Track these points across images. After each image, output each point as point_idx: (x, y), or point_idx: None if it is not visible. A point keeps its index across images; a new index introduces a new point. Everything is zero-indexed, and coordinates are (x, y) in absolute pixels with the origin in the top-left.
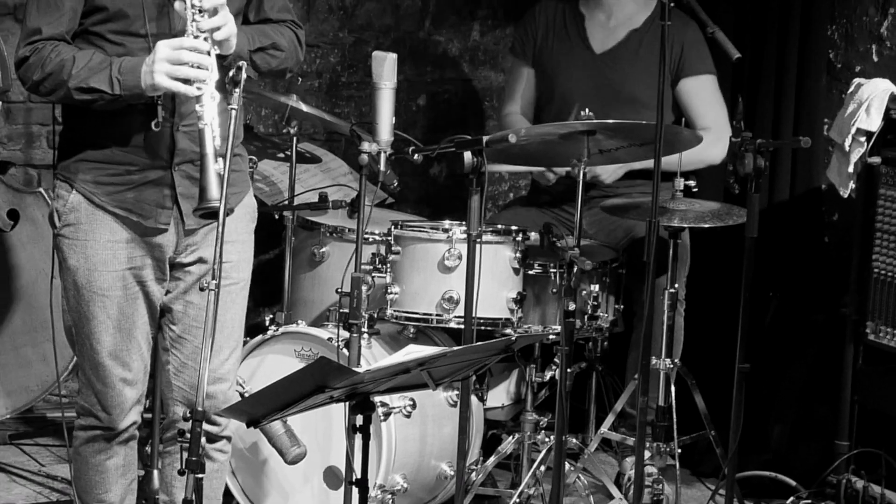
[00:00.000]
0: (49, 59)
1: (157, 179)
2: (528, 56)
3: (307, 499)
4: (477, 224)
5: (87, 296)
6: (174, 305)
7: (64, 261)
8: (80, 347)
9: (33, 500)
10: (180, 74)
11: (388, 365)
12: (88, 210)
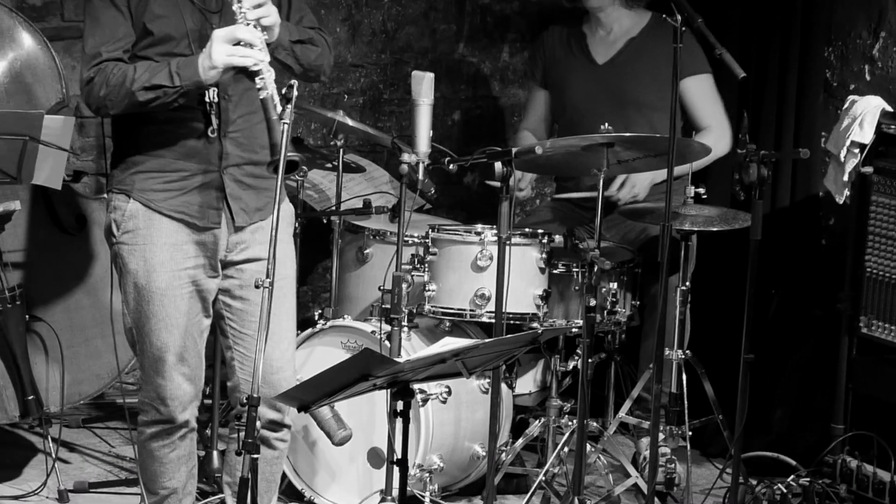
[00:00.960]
0: (112, 74)
1: (207, 183)
2: (538, 78)
3: (352, 477)
4: (506, 227)
5: (146, 296)
6: (232, 303)
7: (124, 266)
8: (140, 346)
9: (104, 478)
10: (237, 52)
11: (426, 355)
12: (146, 216)
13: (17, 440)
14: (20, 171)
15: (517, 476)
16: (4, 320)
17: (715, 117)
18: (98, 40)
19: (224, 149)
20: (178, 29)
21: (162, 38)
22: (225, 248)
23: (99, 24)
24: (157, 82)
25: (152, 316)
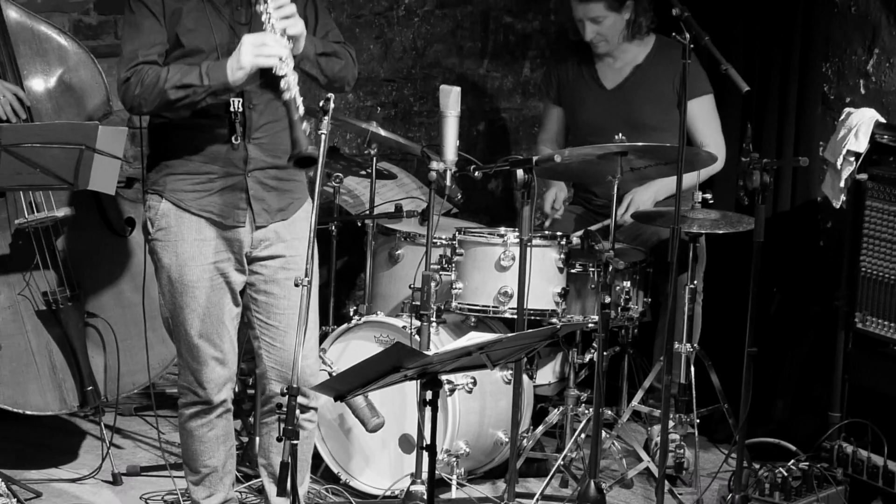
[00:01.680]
0: (147, 75)
1: (233, 185)
2: (552, 97)
3: (385, 462)
4: (527, 230)
5: (179, 288)
6: (258, 297)
7: (158, 261)
8: (176, 334)
9: (154, 462)
10: (264, 53)
11: (453, 349)
12: (177, 214)
13: (73, 427)
14: (76, 178)
15: (537, 460)
16: (65, 316)
17: (713, 137)
18: (136, 44)
19: (249, 154)
20: (208, 42)
21: (192, 51)
22: (249, 244)
23: (137, 29)
24: (188, 81)
25: (185, 306)
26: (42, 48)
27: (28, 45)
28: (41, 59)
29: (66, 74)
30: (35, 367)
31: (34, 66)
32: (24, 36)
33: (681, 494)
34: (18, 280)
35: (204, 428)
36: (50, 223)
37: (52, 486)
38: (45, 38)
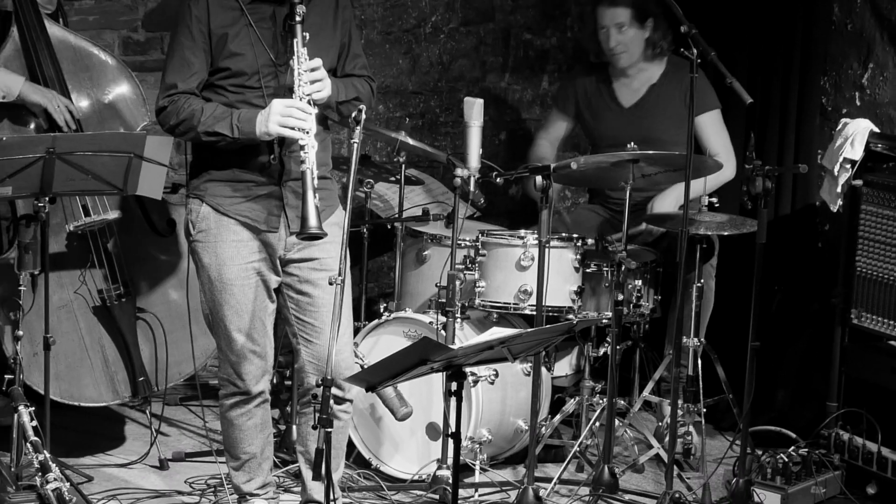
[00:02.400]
0: (183, 109)
1: (269, 193)
2: (569, 111)
3: (413, 448)
4: (546, 232)
5: (218, 286)
6: (295, 296)
7: (199, 261)
8: (216, 329)
9: (198, 448)
10: (289, 124)
11: (476, 343)
12: (216, 218)
13: (122, 417)
14: (126, 183)
15: (555, 447)
16: (118, 313)
17: (723, 147)
18: (176, 73)
19: (285, 166)
20: (251, 67)
21: (236, 73)
22: (283, 247)
23: (179, 57)
24: (219, 130)
25: (224, 303)
26: (84, 64)
27: (71, 61)
28: (84, 74)
29: (108, 88)
30: (89, 361)
31: (78, 80)
32: (67, 53)
33: (688, 478)
34: (73, 280)
35: (243, 417)
36: (101, 226)
37: (103, 471)
38: (86, 55)
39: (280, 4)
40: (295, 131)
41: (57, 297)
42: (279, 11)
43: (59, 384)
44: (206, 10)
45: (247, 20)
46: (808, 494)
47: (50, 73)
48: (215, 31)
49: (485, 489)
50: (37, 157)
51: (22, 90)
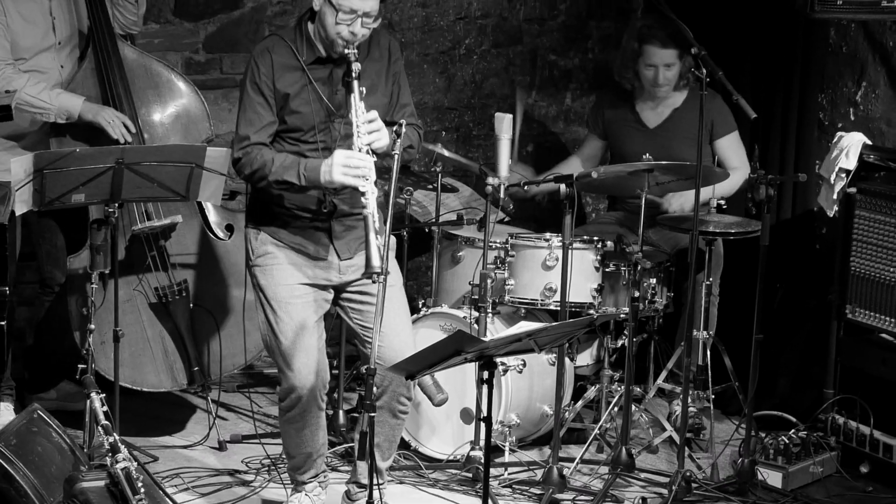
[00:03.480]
0: (255, 160)
1: (319, 227)
2: (598, 130)
3: (448, 431)
4: (569, 235)
5: (274, 305)
6: (357, 307)
7: (258, 283)
8: (272, 347)
9: (253, 431)
10: (351, 174)
11: (505, 336)
12: (273, 245)
13: (184, 402)
14: (188, 191)
15: (577, 430)
16: (174, 308)
17: (741, 163)
18: (248, 126)
19: (336, 206)
20: (307, 123)
21: (295, 129)
22: (338, 270)
23: (251, 111)
24: (287, 178)
25: (279, 321)
26: (154, 82)
27: (142, 79)
28: (154, 91)
29: (175, 105)
30: (150, 351)
31: (147, 97)
32: (139, 72)
33: (698, 459)
34: (133, 278)
35: (299, 425)
36: (160, 229)
37: (167, 452)
38: (156, 74)
39: (337, 64)
40: (357, 179)
41: (122, 292)
42: (336, 71)
43: (125, 371)
44: (271, 68)
45: (307, 79)
46: (807, 473)
47: (118, 91)
48: (279, 89)
49: (514, 468)
50: (107, 167)
51: (81, 111)
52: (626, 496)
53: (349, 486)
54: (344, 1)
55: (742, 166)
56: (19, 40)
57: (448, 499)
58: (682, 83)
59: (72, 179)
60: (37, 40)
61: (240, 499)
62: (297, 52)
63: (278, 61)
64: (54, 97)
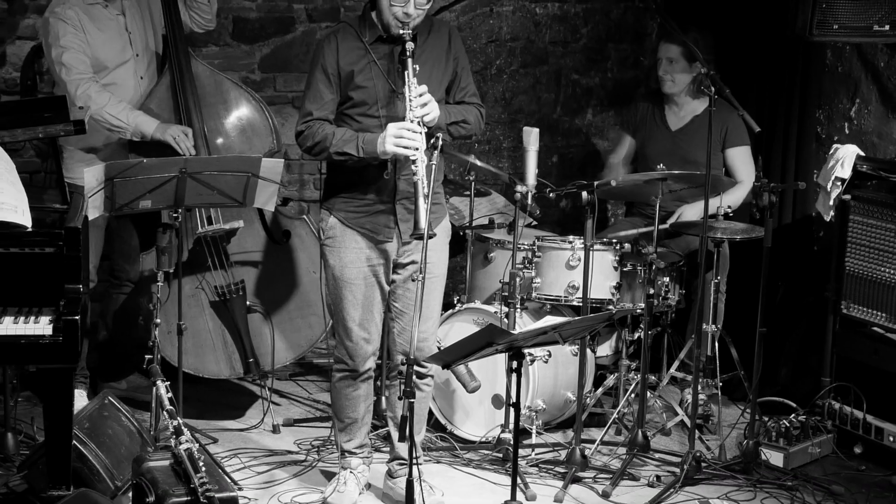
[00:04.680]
0: (317, 133)
1: (384, 209)
2: (630, 130)
3: (480, 415)
4: (590, 238)
5: (340, 283)
6: (397, 291)
7: (326, 261)
8: (335, 318)
9: (305, 416)
10: (402, 143)
11: (533, 329)
12: (341, 228)
13: (242, 389)
14: (245, 198)
15: (598, 414)
16: (232, 305)
17: (748, 175)
18: (311, 102)
19: (398, 187)
20: (372, 97)
21: (359, 103)
22: (395, 252)
23: (314, 90)
24: (347, 150)
25: (344, 298)
26: (223, 97)
27: (212, 94)
28: (222, 105)
29: (241, 118)
30: (211, 342)
31: (216, 110)
32: (209, 88)
33: (707, 440)
34: (197, 276)
35: (349, 389)
36: (221, 233)
37: (226, 434)
38: (225, 90)
39: (396, 43)
40: (407, 150)
41: (188, 287)
42: (395, 49)
43: (188, 359)
44: (336, 51)
45: (370, 58)
46: (806, 453)
47: (189, 105)
48: (344, 68)
49: (540, 449)
50: (172, 176)
51: (153, 133)
52: (642, 474)
53: (390, 465)
54: None
55: (748, 180)
56: (99, 55)
57: (480, 477)
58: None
59: (139, 187)
60: (116, 54)
61: (292, 477)
62: (360, 34)
63: (343, 44)
64: (132, 118)
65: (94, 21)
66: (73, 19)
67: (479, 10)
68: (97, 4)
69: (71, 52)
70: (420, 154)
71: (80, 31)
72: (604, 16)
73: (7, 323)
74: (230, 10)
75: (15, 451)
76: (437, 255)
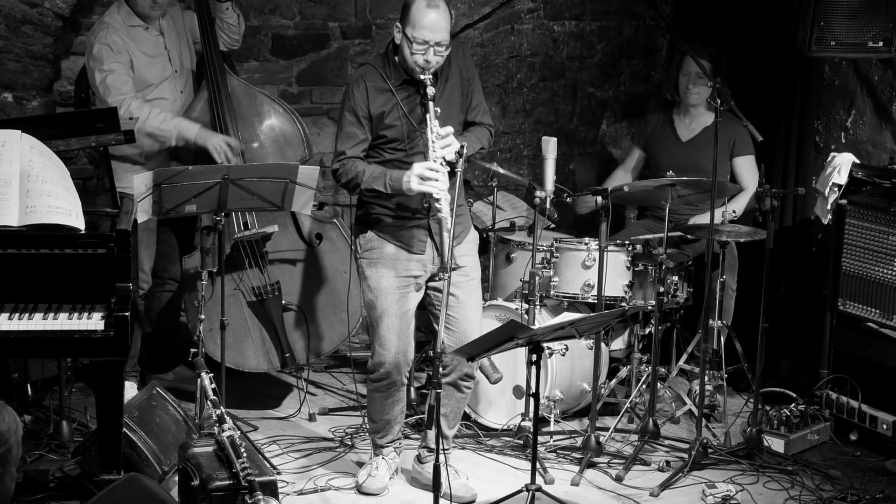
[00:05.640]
0: (349, 170)
1: (418, 225)
2: (640, 143)
3: (502, 405)
4: (604, 240)
5: (376, 294)
6: (440, 296)
7: (363, 273)
8: (371, 327)
9: (338, 405)
10: (426, 185)
11: (551, 324)
12: (378, 241)
13: (280, 381)
14: (283, 202)
15: (611, 404)
16: (269, 304)
17: (752, 183)
18: (344, 143)
19: (431, 206)
20: (400, 134)
21: (389, 140)
22: (431, 262)
23: (346, 131)
24: (376, 187)
25: (379, 307)
26: (257, 110)
27: (247, 107)
28: (256, 117)
29: (274, 129)
30: (251, 338)
31: (250, 122)
32: (244, 101)
33: (713, 428)
34: (235, 277)
35: (383, 396)
36: (257, 237)
37: (265, 422)
38: (259, 103)
39: (418, 86)
40: (431, 189)
41: (228, 287)
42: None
43: (229, 354)
44: (366, 94)
45: (396, 99)
46: (805, 440)
47: (226, 117)
48: (374, 110)
49: (558, 436)
50: (215, 182)
51: (195, 137)
52: (653, 459)
53: (420, 451)
54: (417, 34)
55: (752, 187)
56: (143, 73)
57: (502, 462)
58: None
59: (185, 193)
60: (157, 71)
61: (326, 462)
62: (385, 78)
63: (371, 86)
64: (174, 124)
65: (136, 42)
66: (117, 44)
67: (501, 28)
68: (138, 27)
69: (114, 75)
70: (444, 192)
71: (124, 54)
72: (617, 33)
73: (62, 319)
74: (270, 28)
75: (69, 438)
76: (470, 260)
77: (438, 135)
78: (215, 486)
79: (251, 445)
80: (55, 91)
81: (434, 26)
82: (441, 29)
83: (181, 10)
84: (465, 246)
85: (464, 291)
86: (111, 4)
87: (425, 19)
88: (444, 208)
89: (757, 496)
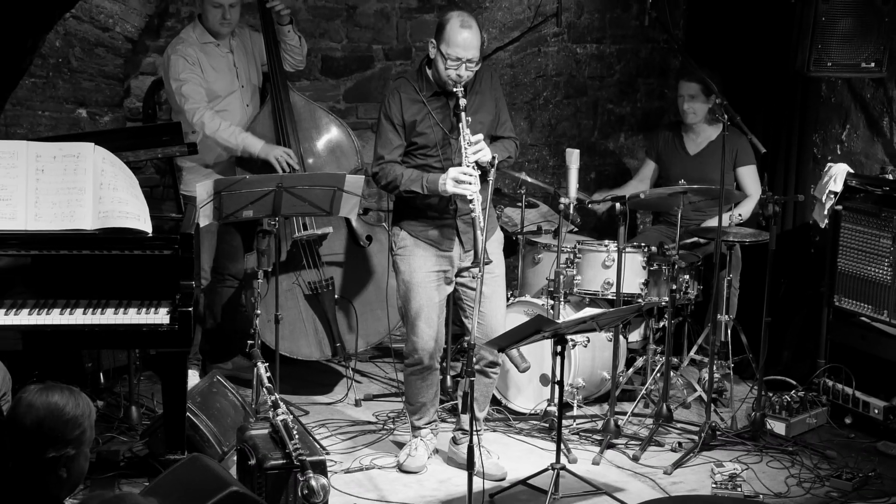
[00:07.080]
0: (388, 174)
1: (447, 224)
2: (653, 156)
3: (531, 392)
4: (623, 242)
5: (410, 287)
6: (468, 291)
7: (397, 269)
8: (405, 318)
9: (382, 392)
10: (460, 187)
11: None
12: (410, 240)
13: (329, 369)
14: (332, 208)
15: (629, 390)
16: (323, 298)
17: (755, 191)
18: (382, 148)
19: (458, 206)
20: (431, 142)
21: (422, 146)
22: (459, 258)
23: (384, 138)
24: (413, 188)
25: (412, 300)
26: (316, 123)
27: (307, 121)
28: (315, 130)
29: (331, 140)
30: (304, 329)
31: (310, 134)
32: (304, 115)
33: (721, 412)
34: (293, 273)
35: (419, 380)
36: (314, 238)
37: (315, 407)
38: (318, 117)
39: (450, 97)
40: (465, 191)
41: (285, 283)
42: (449, 102)
43: (284, 343)
44: (400, 104)
45: (427, 109)
46: (804, 424)
47: (288, 130)
48: (407, 119)
49: (580, 419)
50: (270, 190)
51: (259, 153)
52: (666, 441)
53: (455, 434)
54: (451, 51)
55: (755, 195)
56: (213, 86)
57: (530, 443)
58: (712, 119)
59: (243, 199)
60: (226, 85)
61: (370, 443)
62: (418, 90)
63: (405, 97)
64: (241, 139)
65: (208, 57)
66: (191, 56)
67: (528, 50)
68: (210, 44)
69: (189, 85)
70: (476, 194)
71: (197, 66)
72: (634, 55)
73: (132, 314)
74: (319, 51)
75: (138, 422)
76: (495, 258)
77: (470, 141)
78: (270, 465)
79: (302, 428)
80: (125, 107)
81: (466, 44)
82: (472, 47)
83: (250, 33)
84: (491, 245)
85: (489, 287)
86: (181, 26)
87: (458, 38)
88: (476, 208)
89: (760, 474)
